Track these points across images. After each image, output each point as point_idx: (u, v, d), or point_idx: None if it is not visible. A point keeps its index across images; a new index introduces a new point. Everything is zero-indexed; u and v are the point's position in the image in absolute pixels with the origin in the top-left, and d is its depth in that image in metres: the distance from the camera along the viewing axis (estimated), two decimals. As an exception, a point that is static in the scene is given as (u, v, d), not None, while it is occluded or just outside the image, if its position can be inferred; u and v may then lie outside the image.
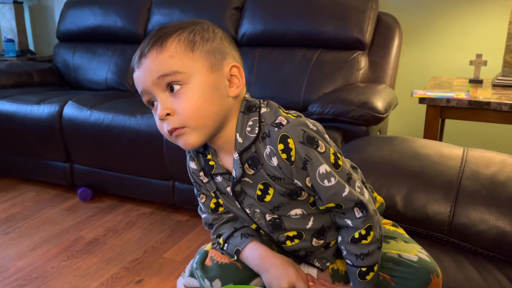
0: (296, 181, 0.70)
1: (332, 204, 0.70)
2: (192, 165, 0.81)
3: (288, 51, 2.20)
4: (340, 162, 0.70)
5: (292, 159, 0.68)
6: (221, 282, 0.79)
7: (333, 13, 2.14)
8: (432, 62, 2.20)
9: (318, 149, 0.68)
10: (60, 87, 2.74)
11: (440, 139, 2.04)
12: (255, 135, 0.70)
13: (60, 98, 2.26)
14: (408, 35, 2.21)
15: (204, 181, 0.80)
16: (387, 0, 2.22)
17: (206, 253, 0.85)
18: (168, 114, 0.68)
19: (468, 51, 2.08)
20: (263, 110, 0.72)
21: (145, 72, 0.68)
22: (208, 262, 0.82)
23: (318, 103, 1.74)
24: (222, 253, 0.83)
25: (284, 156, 0.68)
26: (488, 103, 1.59)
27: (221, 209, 0.83)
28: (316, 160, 0.68)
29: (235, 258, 0.80)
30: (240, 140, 0.71)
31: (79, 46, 2.78)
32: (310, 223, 0.77)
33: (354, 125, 1.67)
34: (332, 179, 0.68)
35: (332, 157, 0.70)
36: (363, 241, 0.71)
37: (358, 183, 0.72)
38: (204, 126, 0.69)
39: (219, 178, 0.77)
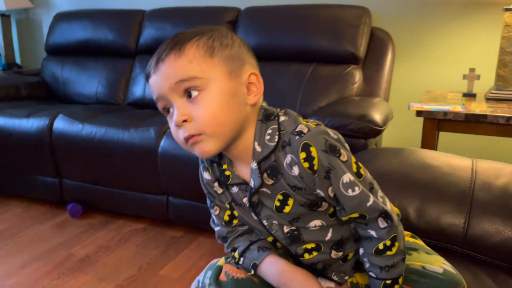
0: (318, 191, 0.68)
1: (355, 215, 0.68)
2: (206, 175, 0.78)
3: (283, 65, 2.20)
4: (362, 171, 0.69)
5: (315, 168, 0.66)
6: None
7: (327, 28, 2.15)
8: (425, 76, 2.23)
9: (341, 157, 0.66)
10: (48, 101, 2.67)
11: (435, 152, 2.05)
12: (275, 143, 0.68)
13: (50, 111, 2.21)
14: (401, 50, 2.23)
15: (219, 192, 0.78)
16: (380, 16, 2.25)
17: (219, 268, 0.81)
18: (185, 121, 0.66)
19: (461, 65, 2.11)
20: (282, 118, 0.71)
21: (162, 77, 0.66)
22: (222, 277, 0.78)
23: (315, 117, 1.73)
24: (238, 268, 0.79)
25: (306, 165, 0.66)
26: (485, 116, 1.61)
27: (235, 221, 0.80)
28: (339, 169, 0.66)
29: (252, 272, 0.77)
30: (258, 149, 0.69)
31: (68, 59, 2.74)
32: (329, 234, 0.74)
33: (352, 138, 1.66)
34: (356, 188, 0.66)
35: (354, 166, 0.68)
36: (388, 252, 0.69)
37: (380, 193, 0.70)
38: (222, 134, 0.67)
39: (235, 189, 0.75)
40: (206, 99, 0.65)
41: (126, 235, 1.97)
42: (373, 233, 0.69)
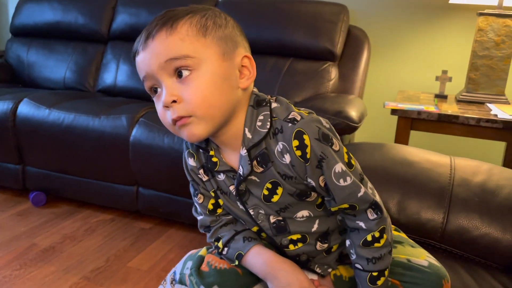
0: (309, 180, 0.67)
1: (345, 205, 0.67)
2: (191, 161, 0.76)
3: (260, 59, 2.18)
4: (353, 162, 0.68)
5: (308, 156, 0.64)
6: None
7: (306, 23, 2.15)
8: (399, 76, 2.27)
9: (333, 147, 0.65)
10: (12, 84, 2.55)
11: (406, 151, 2.09)
12: (266, 130, 0.67)
13: (14, 95, 2.11)
14: (376, 49, 2.26)
15: (204, 179, 0.75)
16: (358, 14, 2.27)
17: (201, 258, 0.79)
18: (174, 102, 0.63)
19: (434, 67, 2.16)
20: (274, 105, 0.69)
21: (151, 55, 0.63)
22: (204, 267, 0.76)
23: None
24: (221, 258, 0.77)
25: (298, 153, 0.65)
26: (457, 117, 1.65)
27: (219, 210, 0.78)
28: (332, 158, 0.65)
29: (237, 263, 0.75)
30: (249, 135, 0.67)
31: (35, 42, 2.62)
32: (316, 226, 0.73)
33: (328, 133, 1.67)
34: (348, 178, 0.65)
35: (345, 156, 0.67)
36: (376, 244, 0.68)
37: (369, 184, 0.70)
38: (212, 117, 0.65)
39: (221, 176, 0.73)
40: (198, 79, 0.63)
41: (93, 226, 1.90)
42: (362, 224, 0.68)
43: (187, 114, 0.63)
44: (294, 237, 0.74)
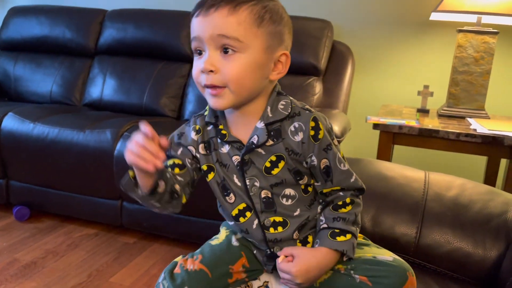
0: (313, 158, 0.76)
1: (338, 187, 0.79)
2: (193, 135, 0.83)
3: (245, 73, 2.20)
4: (344, 158, 0.80)
5: (319, 136, 0.76)
6: None
7: (290, 39, 2.17)
8: (382, 90, 2.30)
9: (334, 142, 0.78)
10: (-3, 98, 2.54)
11: (390, 165, 2.11)
12: (288, 113, 0.77)
13: (-1, 109, 2.10)
14: (360, 64, 2.30)
15: (202, 153, 0.82)
16: (342, 30, 2.31)
17: (175, 263, 0.81)
18: (211, 71, 0.72)
19: (416, 82, 2.20)
20: (291, 98, 0.81)
21: (209, 23, 0.71)
22: (177, 270, 0.79)
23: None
24: (195, 260, 0.80)
25: (312, 133, 0.75)
26: (437, 131, 1.67)
27: (177, 170, 0.82)
28: (334, 149, 0.78)
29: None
30: (270, 114, 0.77)
31: (22, 55, 2.62)
32: (298, 211, 0.81)
33: (311, 148, 1.69)
34: (346, 165, 0.79)
35: (341, 152, 0.80)
36: (343, 209, 0.79)
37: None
38: (239, 94, 0.74)
39: (226, 148, 0.80)
40: (238, 60, 0.71)
41: (76, 240, 1.89)
42: (340, 193, 0.80)
43: (222, 84, 0.72)
44: (277, 219, 0.80)
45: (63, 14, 2.55)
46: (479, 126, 1.71)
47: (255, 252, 0.85)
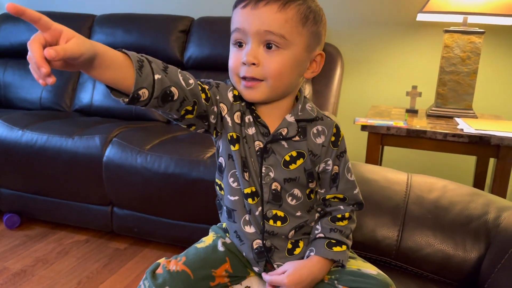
0: (329, 162, 0.80)
1: (341, 196, 0.83)
2: (230, 96, 0.79)
3: (234, 76, 2.20)
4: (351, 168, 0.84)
5: (339, 143, 0.81)
6: None
7: (279, 41, 2.18)
8: (371, 91, 2.30)
9: (346, 151, 0.83)
10: (-13, 105, 2.54)
11: (380, 165, 2.11)
12: (315, 115, 0.81)
13: (-13, 116, 2.10)
14: (349, 66, 2.30)
15: (236, 121, 0.79)
16: (330, 32, 2.31)
17: (158, 264, 0.81)
18: (253, 64, 0.73)
19: (405, 82, 2.20)
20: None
21: (257, 18, 0.72)
22: (159, 270, 0.79)
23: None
24: (178, 261, 0.80)
25: (333, 138, 0.80)
26: (425, 132, 1.68)
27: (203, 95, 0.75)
28: (346, 157, 0.82)
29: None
30: (299, 112, 0.79)
31: (11, 62, 2.61)
32: (299, 212, 0.83)
33: (299, 150, 1.69)
34: (353, 176, 0.83)
35: (349, 161, 0.84)
36: (340, 223, 0.82)
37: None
38: (276, 89, 0.76)
39: (252, 130, 0.80)
40: (281, 57, 0.73)
41: (67, 247, 1.89)
42: (341, 206, 0.83)
43: (261, 78, 0.74)
44: (279, 213, 0.82)
45: (52, 20, 2.54)
46: (466, 126, 1.71)
47: (244, 254, 0.85)
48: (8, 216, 2.02)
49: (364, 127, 1.75)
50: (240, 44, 0.75)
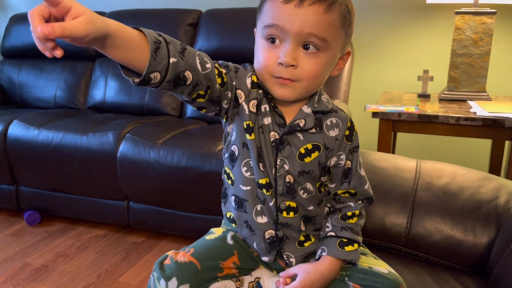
0: (342, 157, 0.78)
1: (352, 191, 0.81)
2: (248, 82, 0.76)
3: (244, 68, 2.20)
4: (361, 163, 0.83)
5: (352, 138, 0.79)
6: (177, 281, 0.74)
7: (287, 30, 2.17)
8: (382, 77, 2.28)
9: (359, 146, 0.82)
10: (4, 106, 2.59)
11: (393, 152, 2.10)
12: (330, 107, 0.79)
13: (4, 117, 2.15)
14: (359, 52, 2.28)
15: (252, 110, 0.76)
16: (338, 18, 2.29)
17: (166, 256, 0.81)
18: (292, 65, 0.70)
19: (416, 67, 2.17)
20: None
21: (300, 17, 0.68)
22: (167, 261, 0.78)
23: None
24: (186, 252, 0.79)
25: (347, 132, 0.78)
26: (436, 117, 1.66)
27: (218, 80, 0.72)
28: (358, 152, 0.81)
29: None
30: (316, 103, 0.77)
31: (25, 62, 2.66)
32: (311, 206, 0.82)
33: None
34: (363, 171, 0.82)
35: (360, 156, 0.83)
36: (351, 220, 0.81)
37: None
38: (309, 89, 0.74)
39: (268, 120, 0.77)
40: (319, 59, 0.71)
41: (86, 242, 1.93)
42: (351, 203, 0.82)
43: (296, 79, 0.71)
44: (292, 204, 0.80)
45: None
46: (480, 109, 1.68)
47: (255, 244, 0.84)
48: (29, 213, 2.08)
49: (375, 114, 1.74)
50: (273, 40, 0.71)
